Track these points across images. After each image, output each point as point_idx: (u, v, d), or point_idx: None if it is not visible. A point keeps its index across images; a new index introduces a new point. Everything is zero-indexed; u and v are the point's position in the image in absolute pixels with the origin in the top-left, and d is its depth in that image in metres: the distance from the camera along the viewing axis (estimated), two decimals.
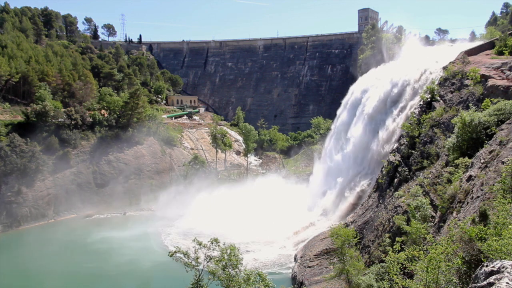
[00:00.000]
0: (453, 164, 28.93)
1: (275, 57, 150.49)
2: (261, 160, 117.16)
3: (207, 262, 20.12)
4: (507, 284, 7.66)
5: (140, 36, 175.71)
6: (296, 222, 61.20)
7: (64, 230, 68.42)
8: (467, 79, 37.97)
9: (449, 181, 27.96)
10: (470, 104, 34.13)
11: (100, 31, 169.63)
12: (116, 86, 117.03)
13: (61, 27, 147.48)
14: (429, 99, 42.46)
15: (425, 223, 26.87)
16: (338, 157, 68.19)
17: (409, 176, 38.34)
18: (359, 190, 54.80)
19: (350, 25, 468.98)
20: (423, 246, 20.75)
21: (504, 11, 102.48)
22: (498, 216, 13.83)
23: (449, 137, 31.46)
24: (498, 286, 7.74)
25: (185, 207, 74.37)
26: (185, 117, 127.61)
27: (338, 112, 76.12)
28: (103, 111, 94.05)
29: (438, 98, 41.18)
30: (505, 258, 10.39)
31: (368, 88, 65.86)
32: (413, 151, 39.87)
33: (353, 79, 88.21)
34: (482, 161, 24.74)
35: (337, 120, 75.19)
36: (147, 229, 67.22)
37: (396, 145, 45.83)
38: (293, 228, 59.65)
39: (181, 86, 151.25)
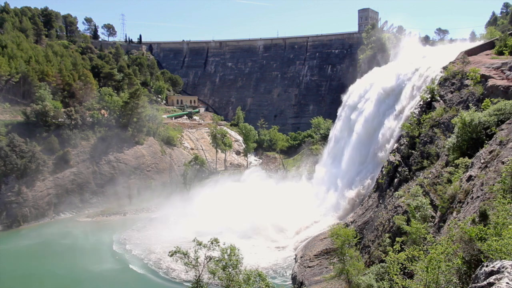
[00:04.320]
0: (453, 164, 28.92)
1: (275, 57, 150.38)
2: (261, 160, 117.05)
3: (207, 262, 20.09)
4: (507, 284, 7.66)
5: (140, 36, 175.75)
6: (296, 222, 61.05)
7: (63, 230, 68.35)
8: (467, 79, 37.94)
9: (449, 181, 27.95)
10: (470, 104, 34.12)
11: (100, 31, 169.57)
12: (116, 86, 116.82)
13: (61, 27, 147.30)
14: (429, 99, 42.45)
15: (425, 223, 26.84)
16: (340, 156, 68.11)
17: (409, 176, 38.32)
18: (361, 189, 54.77)
19: (350, 25, 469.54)
20: (423, 246, 20.73)
21: (504, 11, 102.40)
22: (498, 216, 13.81)
23: (449, 137, 31.44)
24: (498, 286, 7.73)
25: (185, 207, 74.19)
26: (185, 117, 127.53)
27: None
28: (103, 111, 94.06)
29: (438, 98, 41.16)
30: (505, 258, 10.38)
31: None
32: (413, 151, 39.85)
33: (353, 79, 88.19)
34: (482, 161, 24.71)
35: (338, 120, 75.22)
36: (147, 230, 67.16)
37: (396, 145, 45.81)
38: (293, 228, 59.57)
39: (181, 86, 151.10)
